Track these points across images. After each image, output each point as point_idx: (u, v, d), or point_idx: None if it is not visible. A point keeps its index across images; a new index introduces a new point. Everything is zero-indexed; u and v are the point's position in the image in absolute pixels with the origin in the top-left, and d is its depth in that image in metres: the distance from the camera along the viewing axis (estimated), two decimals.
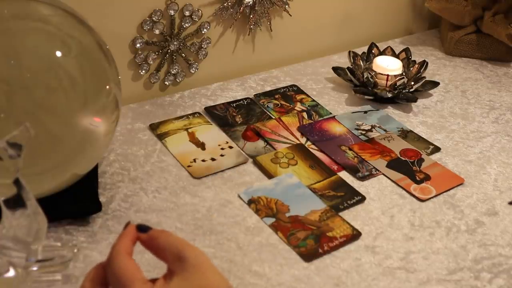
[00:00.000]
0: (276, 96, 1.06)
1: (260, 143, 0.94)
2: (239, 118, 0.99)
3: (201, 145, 0.92)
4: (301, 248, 0.75)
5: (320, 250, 0.75)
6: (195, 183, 0.85)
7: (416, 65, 1.12)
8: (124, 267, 0.53)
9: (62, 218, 0.75)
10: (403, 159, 0.92)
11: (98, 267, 0.56)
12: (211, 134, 0.95)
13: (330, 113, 1.03)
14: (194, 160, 0.89)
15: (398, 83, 1.06)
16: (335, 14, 1.22)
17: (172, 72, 1.04)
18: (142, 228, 0.56)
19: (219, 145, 0.93)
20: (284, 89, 1.09)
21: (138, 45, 0.98)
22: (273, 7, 1.09)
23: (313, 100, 1.06)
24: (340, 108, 1.05)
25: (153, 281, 0.53)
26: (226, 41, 1.09)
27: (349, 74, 1.09)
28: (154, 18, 0.97)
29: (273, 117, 1.00)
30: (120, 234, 0.56)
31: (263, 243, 0.76)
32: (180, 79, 1.06)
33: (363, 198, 0.84)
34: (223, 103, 1.03)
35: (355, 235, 0.78)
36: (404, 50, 1.14)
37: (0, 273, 0.62)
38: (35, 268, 0.65)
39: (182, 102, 1.03)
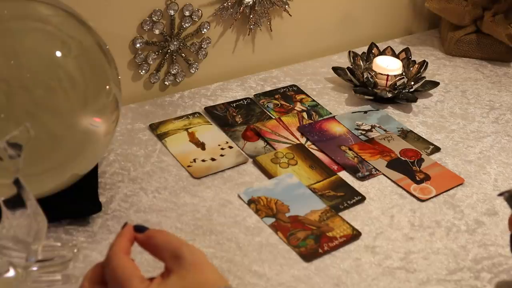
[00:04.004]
0: (276, 96, 1.06)
1: (260, 143, 0.94)
2: (239, 118, 0.99)
3: (201, 145, 0.92)
4: (301, 248, 0.75)
5: (320, 250, 0.75)
6: (195, 183, 0.85)
7: (416, 65, 1.12)
8: (122, 265, 0.53)
9: (62, 218, 0.75)
10: (403, 159, 0.92)
11: (96, 266, 0.56)
12: (211, 134, 0.95)
13: (330, 113, 1.03)
14: (194, 160, 0.89)
15: (398, 83, 1.06)
16: (335, 14, 1.22)
17: (172, 72, 1.04)
18: (139, 228, 0.57)
19: (219, 145, 0.93)
20: (284, 89, 1.09)
21: (138, 45, 0.98)
22: (273, 7, 1.09)
23: (313, 100, 1.06)
24: (340, 108, 1.05)
25: (151, 280, 0.54)
26: (226, 41, 1.09)
27: (349, 74, 1.09)
28: (154, 18, 0.97)
29: (273, 117, 1.00)
30: (117, 234, 0.56)
31: (263, 243, 0.76)
32: (180, 79, 1.06)
33: (363, 198, 0.84)
34: (223, 103, 1.03)
35: (355, 235, 0.78)
36: (404, 50, 1.14)
37: (0, 273, 0.62)
38: (35, 268, 0.65)
39: (182, 102, 1.03)
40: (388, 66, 1.07)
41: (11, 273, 0.62)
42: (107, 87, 0.73)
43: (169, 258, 0.54)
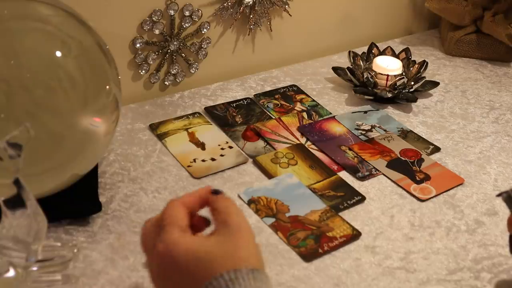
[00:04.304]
0: (276, 96, 1.06)
1: (260, 143, 0.94)
2: (239, 118, 0.99)
3: (201, 145, 0.92)
4: (301, 248, 0.75)
5: (320, 250, 0.75)
6: (195, 183, 0.85)
7: (416, 65, 1.12)
8: (173, 213, 0.57)
9: (62, 218, 0.75)
10: (403, 159, 0.92)
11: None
12: (211, 134, 0.95)
13: (330, 113, 1.03)
14: (194, 160, 0.89)
15: (398, 83, 1.06)
16: (335, 14, 1.22)
17: (172, 72, 1.04)
18: (215, 191, 0.60)
19: (219, 145, 0.93)
20: (284, 89, 1.09)
21: (138, 45, 0.98)
22: (273, 7, 1.09)
23: (313, 100, 1.06)
24: (340, 108, 1.05)
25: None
26: (226, 41, 1.09)
27: (349, 74, 1.09)
28: (154, 18, 0.97)
29: (273, 117, 1.00)
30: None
31: (263, 243, 0.76)
32: (180, 79, 1.06)
33: (363, 198, 0.84)
34: (223, 103, 1.03)
35: (355, 235, 0.78)
36: (404, 50, 1.14)
37: (0, 273, 0.62)
38: (35, 268, 0.65)
39: (182, 102, 1.03)
40: (388, 66, 1.07)
41: (11, 273, 0.62)
42: (107, 87, 0.73)
43: (219, 222, 0.57)
